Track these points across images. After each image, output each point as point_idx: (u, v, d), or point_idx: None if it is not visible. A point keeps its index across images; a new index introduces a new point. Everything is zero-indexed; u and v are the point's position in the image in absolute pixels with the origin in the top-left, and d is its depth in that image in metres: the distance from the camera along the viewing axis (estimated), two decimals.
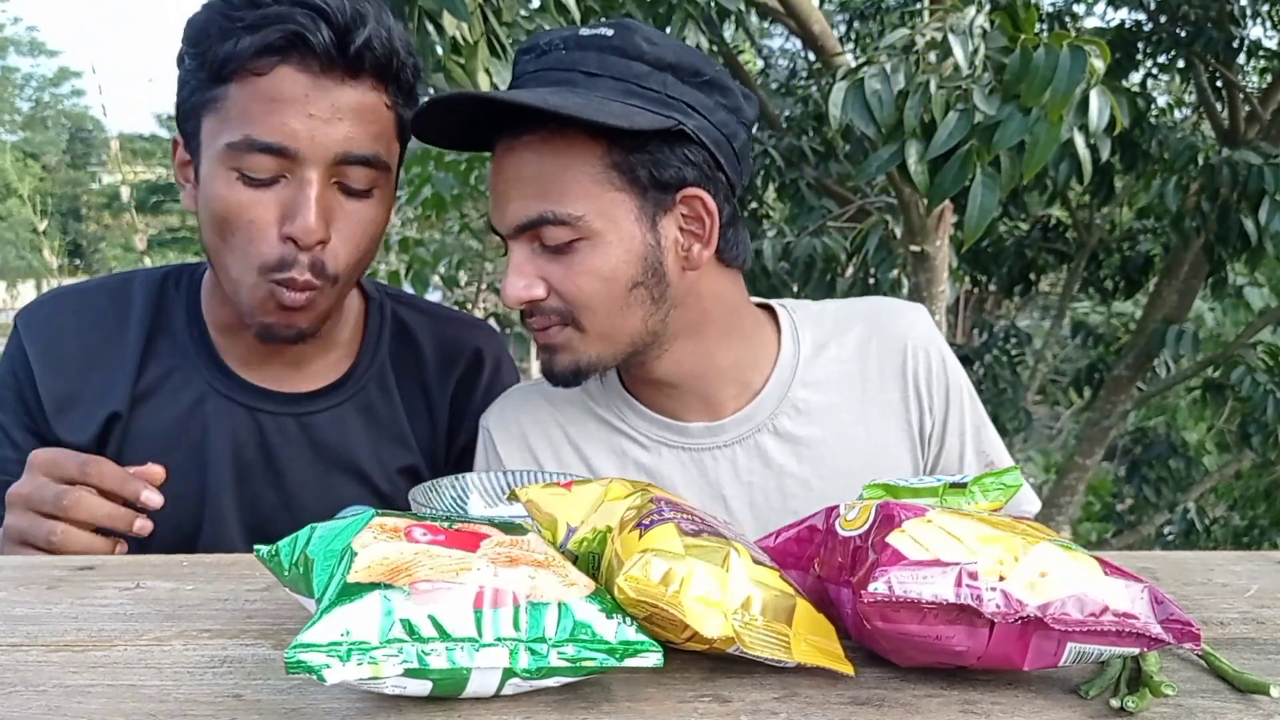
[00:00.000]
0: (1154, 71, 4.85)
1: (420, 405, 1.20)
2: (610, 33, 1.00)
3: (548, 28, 2.10)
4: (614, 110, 0.96)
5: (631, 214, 0.99)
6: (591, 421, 1.15)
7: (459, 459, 1.21)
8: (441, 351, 1.21)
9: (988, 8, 2.26)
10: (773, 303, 1.18)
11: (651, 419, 1.13)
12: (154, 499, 0.93)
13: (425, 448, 1.19)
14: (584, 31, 1.01)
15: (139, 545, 0.99)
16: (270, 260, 1.00)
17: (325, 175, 0.99)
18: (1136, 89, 4.36)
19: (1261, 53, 4.71)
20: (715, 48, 3.32)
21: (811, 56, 4.04)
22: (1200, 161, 3.64)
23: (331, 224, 1.01)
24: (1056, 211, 5.01)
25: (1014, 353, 5.31)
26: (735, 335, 1.11)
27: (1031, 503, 1.16)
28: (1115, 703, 0.58)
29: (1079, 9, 5.12)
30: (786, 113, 4.39)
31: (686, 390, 1.11)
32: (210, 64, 0.97)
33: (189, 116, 1.01)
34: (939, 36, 2.17)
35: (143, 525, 0.93)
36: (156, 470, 0.94)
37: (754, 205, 4.40)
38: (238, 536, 1.11)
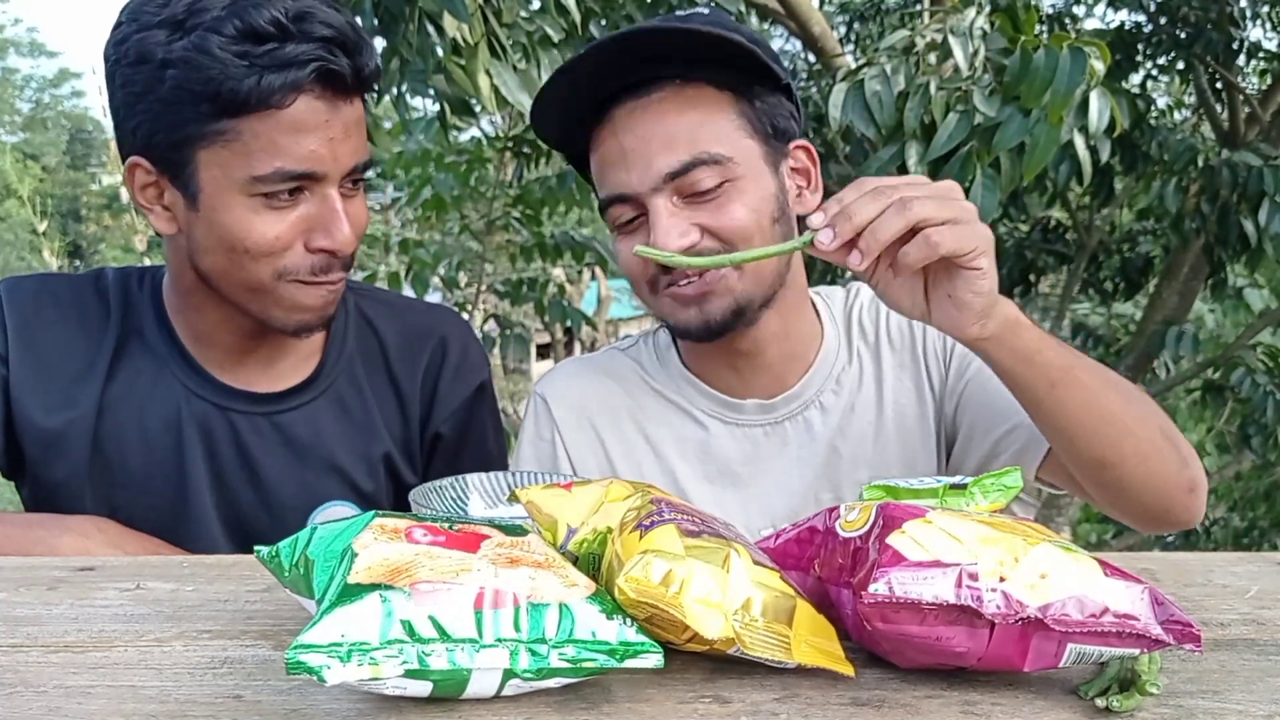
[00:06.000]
0: (1154, 73, 4.86)
1: (389, 395, 1.21)
2: (705, 12, 1.09)
3: (548, 29, 2.10)
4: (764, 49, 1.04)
5: (761, 159, 1.07)
6: (650, 396, 1.20)
7: (433, 444, 1.22)
8: (405, 341, 1.23)
9: (988, 9, 2.26)
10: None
11: (710, 395, 1.18)
12: None
13: (398, 437, 1.21)
14: (677, 14, 1.09)
15: None
16: (300, 270, 1.04)
17: (340, 187, 1.04)
18: (1136, 90, 4.36)
19: (1261, 54, 4.72)
20: None
21: (812, 58, 4.03)
22: (1200, 163, 3.64)
23: None
24: (1056, 213, 5.00)
25: None
26: (804, 307, 1.18)
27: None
28: (1101, 702, 0.58)
29: (1079, 10, 5.13)
30: None
31: (759, 362, 1.15)
32: (218, 99, 0.96)
33: (175, 147, 1.00)
34: (939, 38, 2.17)
35: None
36: None
37: None
38: (219, 535, 1.13)
